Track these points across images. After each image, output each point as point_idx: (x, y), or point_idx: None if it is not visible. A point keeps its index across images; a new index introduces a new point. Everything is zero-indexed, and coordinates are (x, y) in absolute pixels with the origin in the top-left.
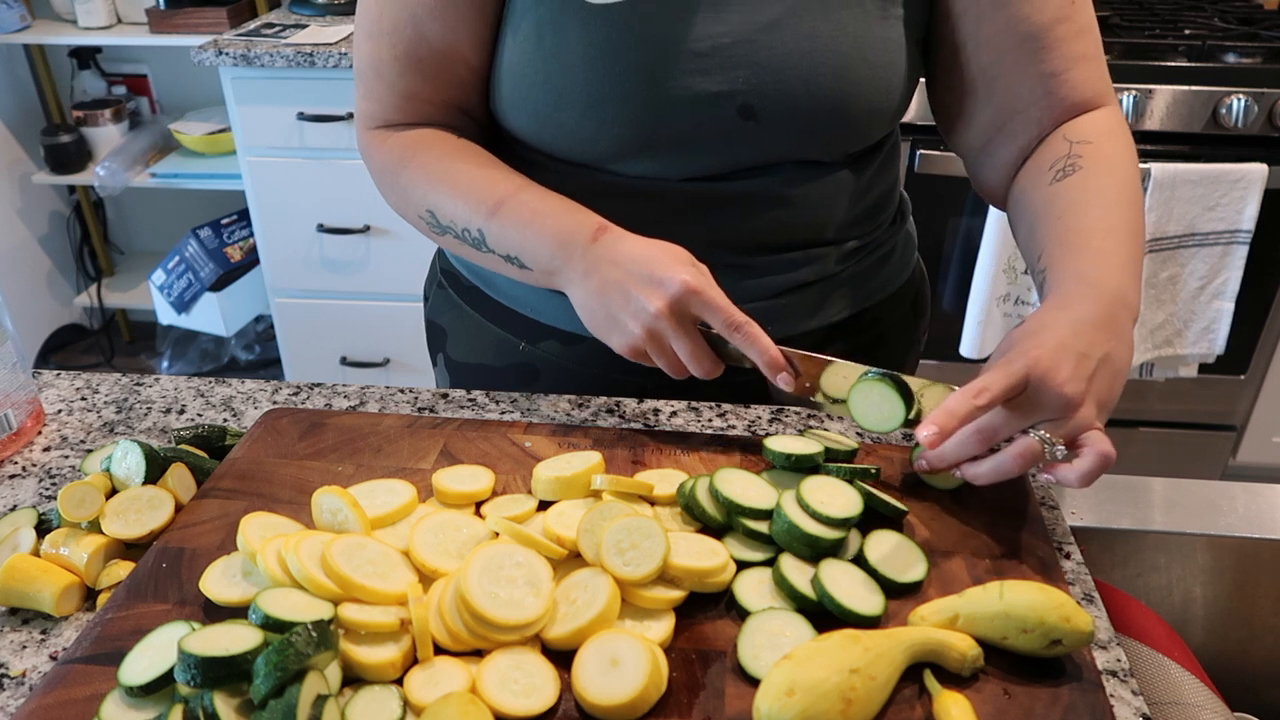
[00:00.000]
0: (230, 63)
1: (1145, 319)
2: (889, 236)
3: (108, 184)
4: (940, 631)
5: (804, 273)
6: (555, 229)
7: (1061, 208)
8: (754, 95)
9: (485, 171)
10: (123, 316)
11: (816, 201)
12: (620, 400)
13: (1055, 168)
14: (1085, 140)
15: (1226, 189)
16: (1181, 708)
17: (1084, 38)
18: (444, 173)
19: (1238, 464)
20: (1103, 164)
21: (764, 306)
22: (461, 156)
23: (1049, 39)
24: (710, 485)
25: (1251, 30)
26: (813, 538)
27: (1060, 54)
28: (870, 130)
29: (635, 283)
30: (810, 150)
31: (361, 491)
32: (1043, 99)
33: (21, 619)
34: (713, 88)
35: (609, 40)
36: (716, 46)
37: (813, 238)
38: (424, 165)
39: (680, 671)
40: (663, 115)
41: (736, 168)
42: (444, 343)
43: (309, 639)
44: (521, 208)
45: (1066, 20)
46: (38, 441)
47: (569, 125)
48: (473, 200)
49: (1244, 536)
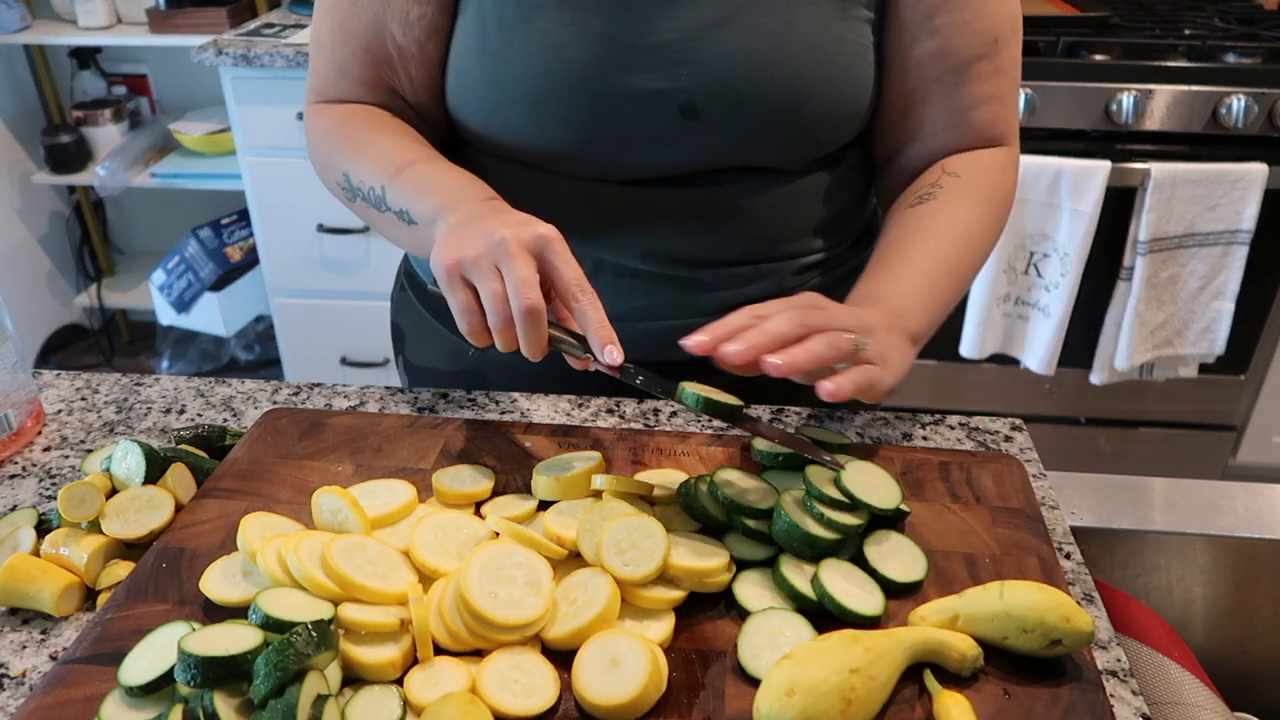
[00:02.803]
0: (230, 63)
1: (1145, 319)
2: (854, 254)
3: (108, 184)
4: (940, 631)
5: (755, 288)
6: (450, 188)
7: (898, 233)
8: (697, 94)
9: (401, 141)
10: (123, 316)
11: (771, 213)
12: (620, 400)
13: (918, 193)
14: (955, 174)
15: (1226, 189)
16: (1181, 708)
17: (999, 78)
18: (363, 142)
19: (1238, 464)
20: (957, 198)
21: (712, 322)
22: (383, 129)
23: (967, 74)
24: (710, 485)
25: (1251, 30)
26: (813, 538)
27: (973, 90)
28: (828, 136)
29: (497, 220)
30: (763, 156)
31: (361, 491)
32: (945, 129)
33: (21, 619)
34: (654, 85)
35: (549, 35)
36: (659, 43)
37: (766, 252)
38: (346, 135)
39: (680, 671)
40: (602, 112)
41: (682, 170)
42: (403, 344)
43: (309, 639)
44: (425, 172)
45: (986, 59)
46: (38, 441)
47: (512, 122)
48: (382, 162)
49: (1244, 536)
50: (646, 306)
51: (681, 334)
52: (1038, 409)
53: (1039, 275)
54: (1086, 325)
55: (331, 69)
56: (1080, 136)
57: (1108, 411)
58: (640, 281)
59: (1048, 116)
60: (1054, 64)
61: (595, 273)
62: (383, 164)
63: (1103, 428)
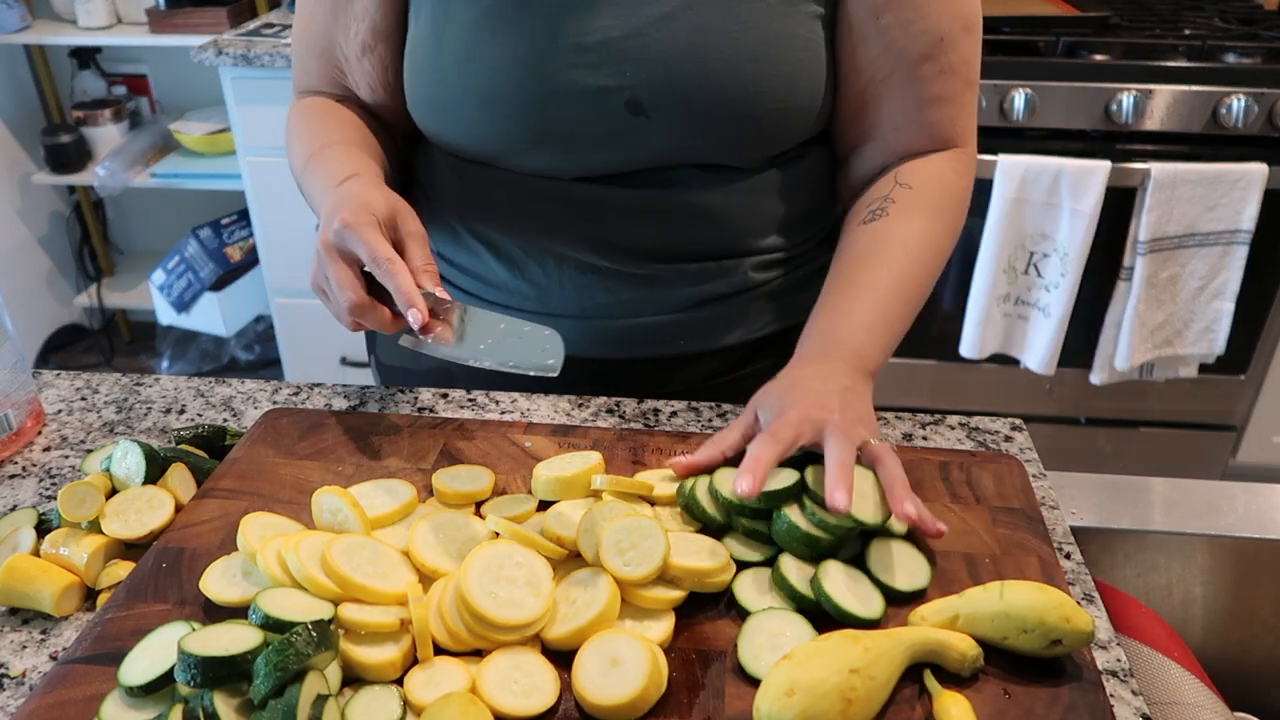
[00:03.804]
0: (230, 63)
1: (1145, 319)
2: (820, 253)
3: (108, 184)
4: (940, 631)
5: (716, 285)
6: (323, 182)
7: (851, 255)
8: (643, 90)
9: (322, 129)
10: (123, 316)
11: (726, 210)
12: (620, 400)
13: (871, 207)
14: (907, 185)
15: (1226, 189)
16: (1181, 708)
17: (947, 78)
18: (304, 131)
19: (1238, 464)
20: (909, 213)
21: (674, 320)
22: (322, 117)
23: (914, 75)
24: (710, 485)
25: (1251, 30)
26: (812, 538)
27: (920, 91)
28: (779, 133)
29: (324, 224)
30: (714, 152)
31: (361, 491)
32: (896, 131)
33: (21, 619)
34: (599, 81)
35: (497, 33)
36: (604, 40)
37: (724, 249)
38: (297, 124)
39: (680, 671)
40: (550, 110)
41: (632, 167)
42: (374, 343)
43: (309, 639)
44: (323, 161)
45: (932, 59)
46: (38, 441)
47: (464, 121)
48: (301, 153)
49: (1244, 536)
50: (607, 304)
51: (644, 333)
52: (1038, 409)
53: (1039, 275)
54: (1086, 325)
55: (299, 69)
56: (1080, 136)
57: (1108, 411)
58: (601, 278)
59: (1048, 116)
60: (1054, 64)
61: (557, 268)
62: (302, 154)
63: (1103, 428)
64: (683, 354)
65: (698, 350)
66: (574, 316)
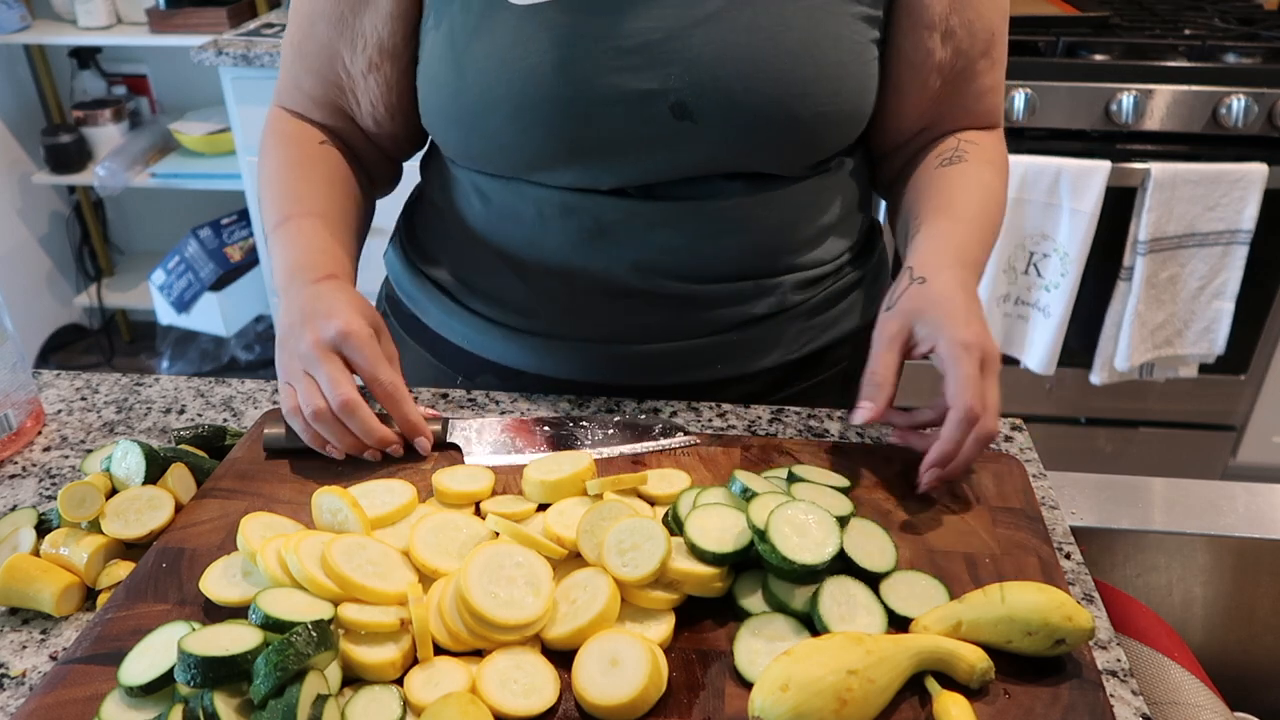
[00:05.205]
0: (230, 63)
1: (1145, 319)
2: (853, 268)
3: (108, 184)
4: (950, 641)
5: (757, 305)
6: (296, 260)
7: (942, 185)
8: (688, 93)
9: (300, 184)
10: (123, 316)
11: (768, 223)
12: (620, 400)
13: (943, 157)
14: (973, 141)
15: (1226, 189)
16: (1181, 708)
17: (996, 69)
18: (278, 181)
19: (1238, 464)
20: (983, 164)
21: (711, 343)
22: (301, 166)
23: (973, 70)
24: (686, 540)
25: (1251, 30)
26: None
27: (977, 84)
28: (828, 137)
29: (307, 325)
30: (760, 159)
31: (361, 491)
32: (952, 119)
33: (21, 619)
34: (642, 85)
35: (531, 39)
36: (647, 42)
37: (767, 265)
38: (274, 162)
39: (680, 671)
40: (589, 117)
41: (671, 176)
42: None
43: (309, 639)
44: (292, 232)
45: (987, 55)
46: (38, 441)
47: (491, 131)
48: (274, 211)
49: (1244, 536)
50: (641, 326)
51: (677, 358)
52: (1038, 409)
53: (1039, 275)
54: (1086, 325)
55: (289, 81)
56: (1080, 136)
57: (1108, 411)
58: (634, 301)
59: (1048, 116)
60: (1054, 64)
61: (585, 289)
62: (271, 212)
63: (1103, 428)
64: (717, 379)
65: (732, 375)
66: (604, 341)
